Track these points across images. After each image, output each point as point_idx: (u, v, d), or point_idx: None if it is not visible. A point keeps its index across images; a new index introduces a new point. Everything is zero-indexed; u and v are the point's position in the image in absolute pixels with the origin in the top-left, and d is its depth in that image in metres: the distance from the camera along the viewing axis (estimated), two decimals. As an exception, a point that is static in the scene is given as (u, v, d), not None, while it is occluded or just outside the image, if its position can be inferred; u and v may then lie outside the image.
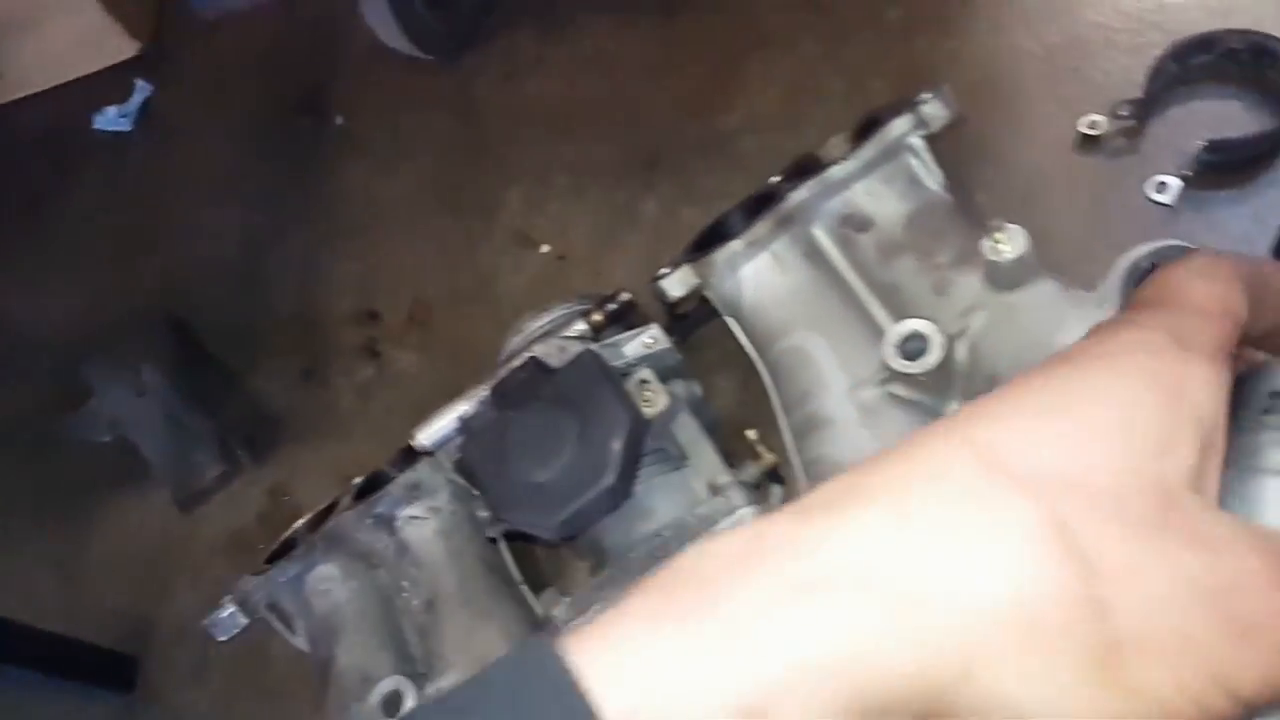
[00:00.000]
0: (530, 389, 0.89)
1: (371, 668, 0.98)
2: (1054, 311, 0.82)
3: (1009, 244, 0.81)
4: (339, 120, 1.64)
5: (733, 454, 0.99)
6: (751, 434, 1.00)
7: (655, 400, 0.89)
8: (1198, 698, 0.32)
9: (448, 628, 0.99)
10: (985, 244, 0.82)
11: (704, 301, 1.04)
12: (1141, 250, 0.81)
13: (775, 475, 1.00)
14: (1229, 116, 1.11)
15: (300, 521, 1.10)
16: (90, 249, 1.71)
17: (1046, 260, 0.87)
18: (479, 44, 1.59)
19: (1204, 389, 0.36)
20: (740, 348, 1.02)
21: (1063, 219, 1.11)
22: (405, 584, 1.05)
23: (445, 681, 0.95)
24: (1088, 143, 1.14)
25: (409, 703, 0.93)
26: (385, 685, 0.95)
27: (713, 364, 1.14)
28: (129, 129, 1.83)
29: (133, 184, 1.77)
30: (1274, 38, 1.07)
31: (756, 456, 0.99)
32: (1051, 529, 0.33)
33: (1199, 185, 1.08)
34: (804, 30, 1.37)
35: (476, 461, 0.90)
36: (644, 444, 0.87)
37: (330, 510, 1.09)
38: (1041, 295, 0.84)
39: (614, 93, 1.45)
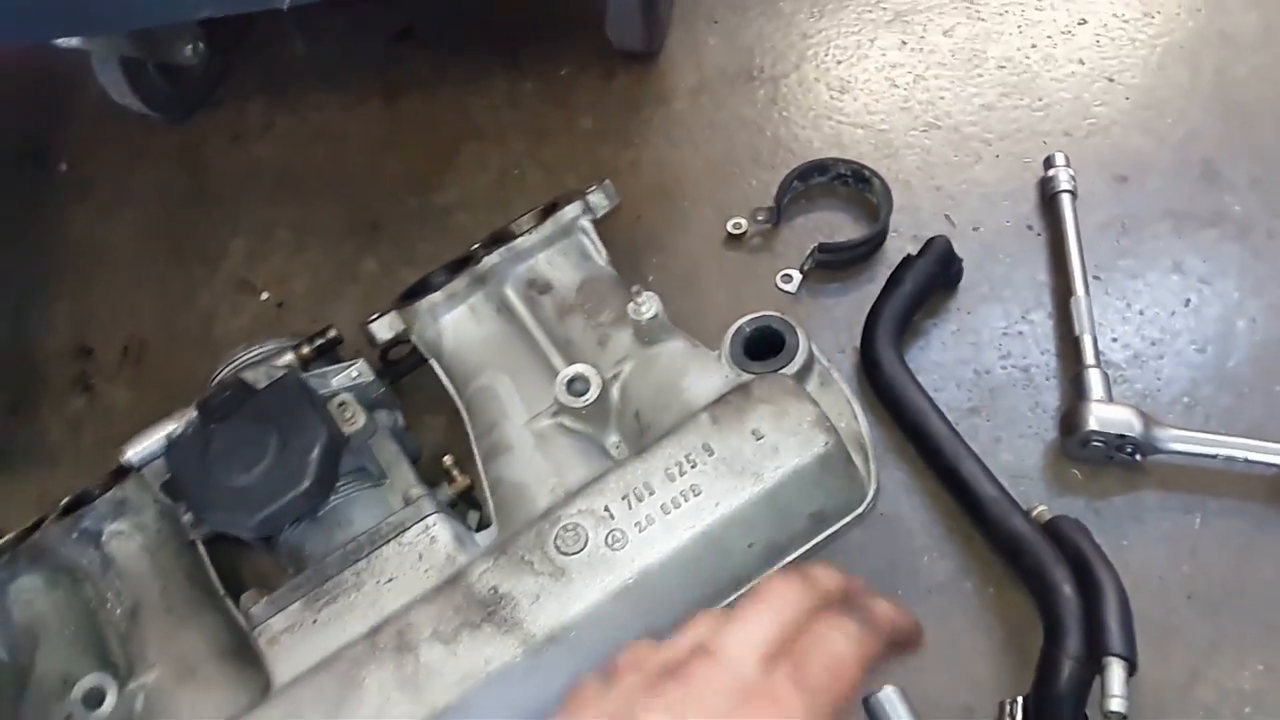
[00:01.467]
0: (234, 405, 0.99)
1: (72, 670, 1.04)
2: (681, 363, 1.04)
3: (646, 306, 1.03)
4: (63, 167, 1.67)
5: (434, 480, 1.14)
6: (448, 459, 1.15)
7: (354, 420, 1.02)
8: None
9: (149, 631, 1.06)
10: (630, 306, 1.04)
11: (415, 350, 1.20)
12: (744, 320, 1.06)
13: (471, 501, 1.16)
14: (839, 225, 1.41)
15: (6, 537, 1.14)
16: None
17: (696, 329, 1.10)
18: (208, 108, 1.69)
19: None
20: (446, 391, 1.17)
21: (712, 299, 1.36)
22: (109, 596, 1.12)
23: (147, 679, 1.02)
24: (733, 240, 1.41)
25: (110, 698, 1.00)
26: (86, 682, 1.01)
27: (424, 405, 1.29)
28: None
29: None
30: (868, 168, 1.39)
31: (452, 479, 1.15)
32: None
33: (815, 278, 1.37)
34: (511, 128, 1.58)
35: (179, 467, 0.99)
36: (341, 457, 1.00)
37: (37, 526, 1.13)
38: (673, 350, 1.06)
39: (338, 163, 1.59)
